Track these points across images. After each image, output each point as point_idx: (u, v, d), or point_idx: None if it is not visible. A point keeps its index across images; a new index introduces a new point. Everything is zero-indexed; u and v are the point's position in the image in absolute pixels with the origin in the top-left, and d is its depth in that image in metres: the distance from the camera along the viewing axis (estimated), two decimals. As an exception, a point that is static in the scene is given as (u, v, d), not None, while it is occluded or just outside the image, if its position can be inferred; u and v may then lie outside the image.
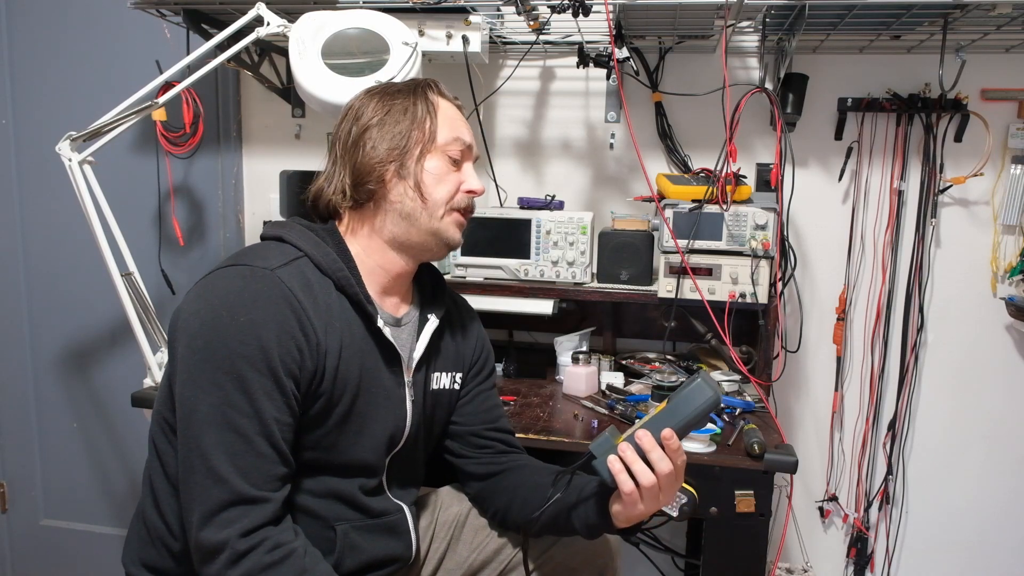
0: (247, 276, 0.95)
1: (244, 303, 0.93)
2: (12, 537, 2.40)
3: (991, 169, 1.82)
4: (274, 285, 0.95)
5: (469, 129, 1.14)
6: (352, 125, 1.08)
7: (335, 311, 1.02)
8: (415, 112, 1.08)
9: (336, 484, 1.05)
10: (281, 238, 1.04)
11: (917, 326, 1.89)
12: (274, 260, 0.98)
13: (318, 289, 1.00)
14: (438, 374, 1.20)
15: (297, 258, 1.01)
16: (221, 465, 0.89)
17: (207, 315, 0.93)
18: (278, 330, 0.93)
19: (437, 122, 1.09)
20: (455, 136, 1.10)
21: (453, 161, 1.10)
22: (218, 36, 1.55)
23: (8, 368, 2.30)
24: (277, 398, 0.93)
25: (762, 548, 1.35)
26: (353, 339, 1.03)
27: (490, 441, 1.25)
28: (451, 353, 1.22)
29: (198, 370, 0.91)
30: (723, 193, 1.60)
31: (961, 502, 1.96)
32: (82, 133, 1.49)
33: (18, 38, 2.15)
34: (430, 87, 1.12)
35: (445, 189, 1.09)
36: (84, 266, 2.17)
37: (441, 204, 1.08)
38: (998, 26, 1.57)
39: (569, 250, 1.72)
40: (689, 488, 1.25)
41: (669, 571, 2.07)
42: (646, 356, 1.88)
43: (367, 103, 1.09)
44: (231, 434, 0.90)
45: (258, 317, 0.92)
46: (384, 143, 1.06)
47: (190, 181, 2.13)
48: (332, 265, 1.03)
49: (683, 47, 1.86)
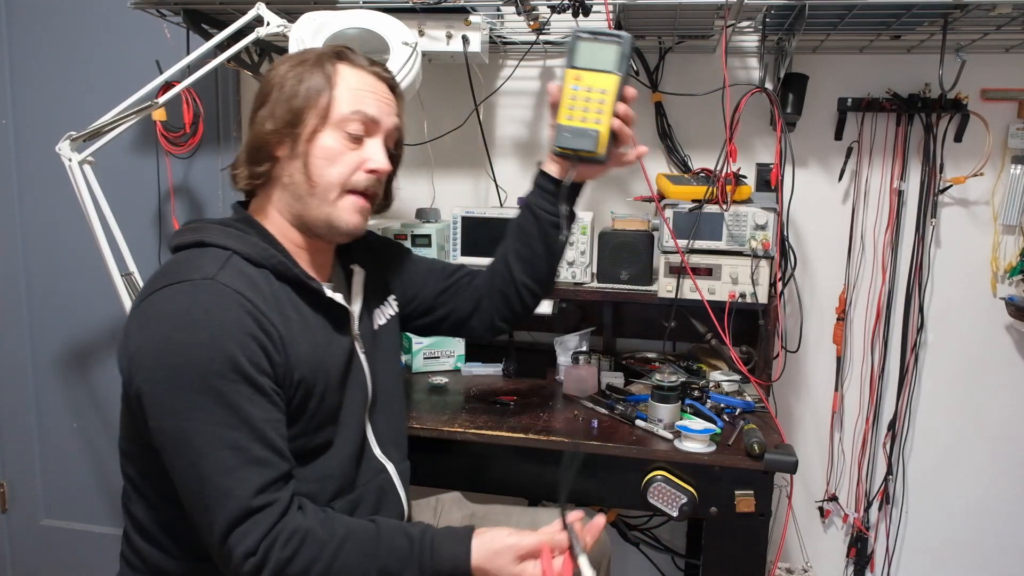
0: (190, 291, 0.91)
1: (197, 320, 0.89)
2: (12, 537, 2.40)
3: (991, 169, 1.82)
4: (221, 293, 0.92)
5: (381, 100, 1.05)
6: (256, 97, 1.03)
7: (282, 299, 0.99)
8: (310, 83, 1.00)
9: (324, 464, 1.04)
10: (202, 242, 0.99)
11: (917, 326, 1.89)
12: (209, 267, 0.94)
13: (260, 282, 0.97)
14: (376, 312, 1.20)
15: (228, 258, 0.97)
16: (222, 484, 0.88)
17: (162, 343, 0.89)
18: (239, 335, 0.90)
19: (334, 95, 1.00)
20: (354, 109, 1.01)
21: (353, 138, 1.02)
22: (218, 36, 1.55)
23: (8, 368, 2.30)
24: (259, 400, 0.91)
25: (762, 548, 1.35)
26: (306, 320, 1.02)
27: (454, 283, 1.29)
28: (377, 285, 1.22)
29: (172, 398, 0.88)
30: (723, 193, 1.59)
31: (961, 502, 1.96)
32: (82, 133, 1.49)
33: (18, 38, 2.15)
34: (337, 55, 1.04)
35: (338, 170, 1.01)
36: (84, 266, 2.17)
37: (333, 187, 1.01)
38: (998, 26, 1.57)
39: (569, 250, 1.72)
40: (689, 488, 1.25)
41: (669, 571, 2.07)
42: (646, 356, 1.88)
43: (275, 70, 1.03)
44: (225, 451, 0.88)
45: (216, 330, 0.89)
46: (275, 117, 0.99)
47: (190, 181, 2.13)
48: (264, 254, 0.99)
49: (683, 47, 1.86)
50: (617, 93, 1.07)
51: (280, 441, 0.93)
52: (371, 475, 1.12)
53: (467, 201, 2.05)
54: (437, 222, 1.89)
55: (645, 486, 1.33)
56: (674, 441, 1.37)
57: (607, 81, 1.07)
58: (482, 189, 2.05)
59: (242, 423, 0.89)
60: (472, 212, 1.78)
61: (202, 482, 0.88)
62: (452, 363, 1.84)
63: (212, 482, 0.88)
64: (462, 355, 1.84)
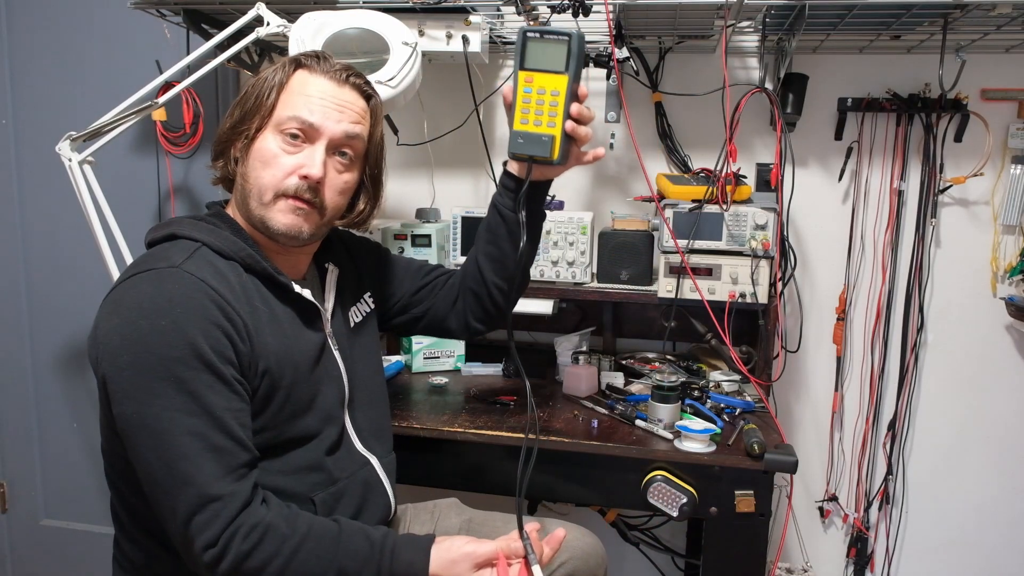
0: (155, 279, 0.92)
1: (160, 307, 0.90)
2: (12, 537, 2.40)
3: (991, 169, 1.82)
4: (185, 280, 0.92)
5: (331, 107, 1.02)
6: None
7: (251, 291, 1.00)
8: (263, 87, 1.02)
9: (302, 456, 1.04)
10: (174, 235, 1.00)
11: (917, 326, 1.89)
12: (176, 256, 0.95)
13: (228, 273, 0.98)
14: (353, 309, 1.20)
15: (197, 249, 0.98)
16: (180, 470, 0.88)
17: (126, 329, 0.89)
18: (202, 323, 0.91)
19: (280, 97, 1.01)
20: (293, 114, 1.00)
21: (291, 140, 1.00)
22: (218, 36, 1.55)
23: (8, 368, 2.30)
24: (221, 388, 0.91)
25: (762, 548, 1.35)
26: (274, 313, 1.02)
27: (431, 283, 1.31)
28: (352, 283, 1.22)
29: (133, 386, 0.89)
30: (723, 193, 1.60)
31: (961, 502, 1.96)
32: (82, 133, 1.49)
33: (18, 38, 2.15)
34: (297, 62, 1.04)
35: (271, 173, 1.00)
36: (84, 266, 2.17)
37: (267, 189, 1.00)
38: (998, 26, 1.57)
39: (569, 250, 1.72)
40: (689, 488, 1.25)
41: (669, 571, 2.07)
42: (646, 356, 1.88)
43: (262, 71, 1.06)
44: (185, 437, 0.88)
45: (179, 317, 0.90)
46: (232, 117, 1.03)
47: (190, 181, 2.13)
48: (233, 247, 1.00)
49: (683, 47, 1.86)
50: (569, 94, 1.05)
51: (241, 431, 0.92)
52: (354, 468, 1.12)
53: (467, 201, 2.06)
54: (437, 222, 1.89)
55: (645, 486, 1.34)
56: (674, 441, 1.37)
57: (557, 82, 1.05)
58: (482, 189, 2.04)
59: (202, 411, 0.89)
60: (472, 212, 1.78)
61: (161, 468, 0.88)
62: (452, 363, 1.84)
63: (171, 468, 0.88)
64: (462, 355, 1.84)
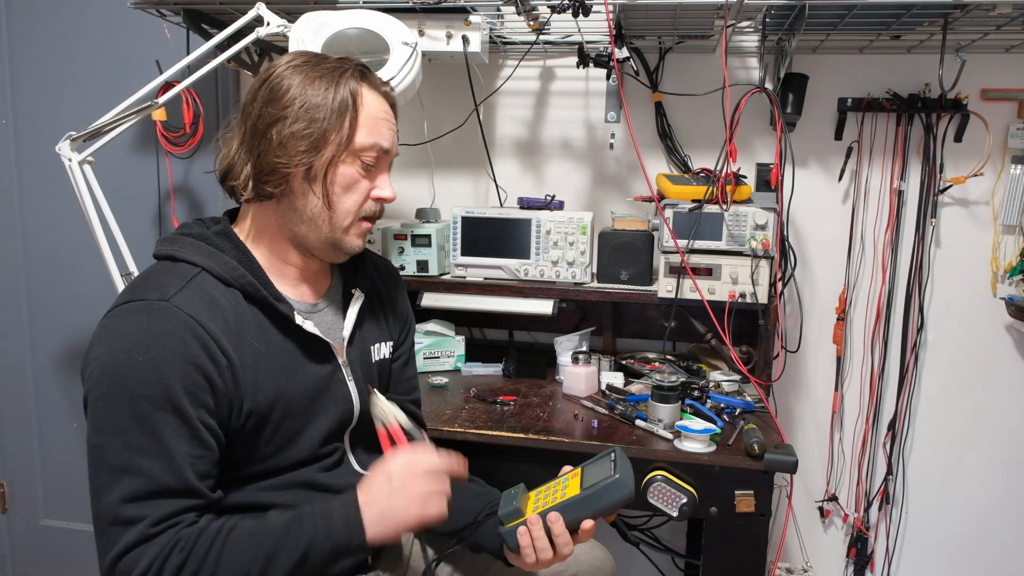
0: (144, 311, 0.90)
1: (142, 343, 0.88)
2: (12, 537, 2.40)
3: (991, 169, 1.82)
4: (172, 317, 0.90)
5: (392, 128, 1.04)
6: (264, 107, 0.97)
7: (247, 321, 0.97)
8: (334, 107, 0.97)
9: (296, 475, 1.03)
10: (173, 256, 0.97)
11: (917, 326, 1.89)
12: (170, 286, 0.93)
13: (225, 303, 0.95)
14: (377, 345, 1.17)
15: (195, 276, 0.95)
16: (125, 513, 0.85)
17: (108, 360, 0.88)
18: (180, 363, 0.88)
19: (359, 122, 0.99)
20: (373, 142, 1.00)
21: (366, 167, 1.01)
22: (218, 36, 1.55)
23: (8, 368, 2.30)
24: (185, 433, 0.88)
25: (762, 548, 1.35)
26: (271, 346, 0.99)
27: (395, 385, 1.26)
28: (381, 322, 1.20)
29: (102, 417, 0.88)
30: (723, 193, 1.59)
31: (961, 502, 1.96)
32: (82, 133, 1.49)
33: (18, 38, 2.15)
34: (358, 75, 1.01)
35: (353, 199, 1.01)
36: (84, 266, 2.17)
37: (349, 214, 1.01)
38: (998, 26, 1.57)
39: (569, 250, 1.72)
40: (689, 488, 1.25)
41: (669, 571, 2.07)
42: (646, 356, 1.88)
43: (286, 79, 0.97)
44: (136, 478, 0.86)
45: (158, 354, 0.88)
46: (293, 141, 0.96)
47: (190, 181, 2.13)
48: (233, 274, 0.97)
49: (683, 47, 1.86)
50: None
51: (195, 479, 0.89)
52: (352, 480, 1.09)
53: (467, 201, 2.06)
54: (437, 222, 1.89)
55: (645, 486, 1.33)
56: (674, 441, 1.37)
57: None
58: (482, 189, 2.05)
59: (161, 454, 0.87)
60: (472, 212, 1.78)
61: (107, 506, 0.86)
62: (452, 363, 1.84)
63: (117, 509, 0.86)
64: (462, 355, 1.84)
